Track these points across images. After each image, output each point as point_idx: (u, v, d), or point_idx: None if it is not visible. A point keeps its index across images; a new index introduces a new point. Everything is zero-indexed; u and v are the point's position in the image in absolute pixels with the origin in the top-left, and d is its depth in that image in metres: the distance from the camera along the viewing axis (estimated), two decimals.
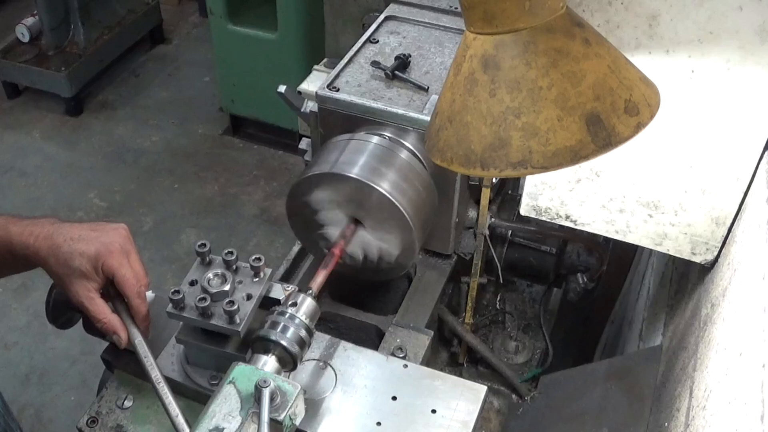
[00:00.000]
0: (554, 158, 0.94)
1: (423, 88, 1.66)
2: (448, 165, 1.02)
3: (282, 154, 4.35)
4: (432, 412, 1.34)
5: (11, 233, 1.35)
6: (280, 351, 1.26)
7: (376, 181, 1.50)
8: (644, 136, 0.99)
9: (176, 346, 1.43)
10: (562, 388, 1.75)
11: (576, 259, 1.95)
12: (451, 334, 1.92)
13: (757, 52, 1.17)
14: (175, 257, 3.74)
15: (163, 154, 4.37)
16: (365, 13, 2.81)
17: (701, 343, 1.26)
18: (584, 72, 0.94)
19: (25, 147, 4.42)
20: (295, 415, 1.18)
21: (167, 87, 4.89)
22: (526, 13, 0.93)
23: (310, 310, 1.32)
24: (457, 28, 1.83)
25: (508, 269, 1.93)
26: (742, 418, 0.94)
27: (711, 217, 1.38)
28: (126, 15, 4.87)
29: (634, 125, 0.96)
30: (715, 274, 1.38)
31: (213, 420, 1.15)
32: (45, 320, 1.46)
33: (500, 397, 1.88)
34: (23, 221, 1.38)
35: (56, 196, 4.09)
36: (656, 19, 1.20)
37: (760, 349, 0.96)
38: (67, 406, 3.14)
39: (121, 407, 1.43)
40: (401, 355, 1.53)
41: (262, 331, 1.28)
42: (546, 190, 1.49)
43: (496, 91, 0.96)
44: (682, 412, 1.23)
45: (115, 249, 1.34)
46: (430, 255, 1.83)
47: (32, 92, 4.72)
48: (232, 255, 1.36)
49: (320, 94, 1.66)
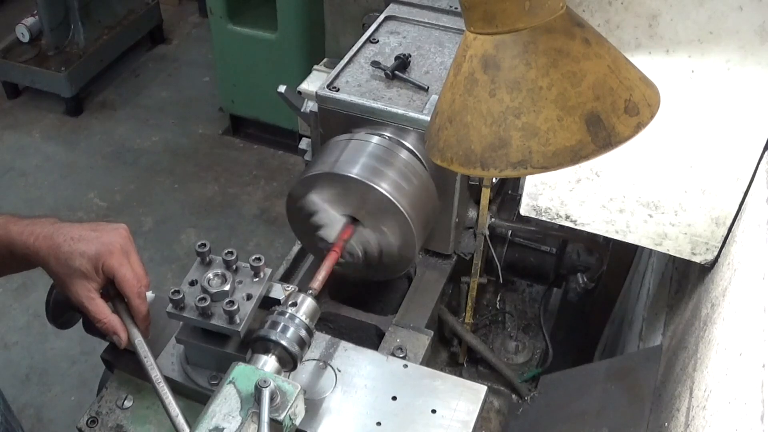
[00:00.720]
0: (554, 158, 0.94)
1: (423, 88, 1.66)
2: (448, 165, 1.02)
3: (282, 154, 4.35)
4: (432, 412, 1.34)
5: (11, 233, 1.35)
6: (280, 351, 1.26)
7: (376, 181, 1.50)
8: (644, 136, 0.99)
9: (176, 346, 1.43)
10: (562, 388, 1.75)
11: (576, 259, 1.95)
12: (451, 334, 1.92)
13: (757, 52, 1.17)
14: (175, 257, 3.74)
15: (163, 154, 4.37)
16: (365, 13, 2.81)
17: (701, 343, 1.26)
18: (584, 72, 0.94)
19: (25, 147, 4.42)
20: (295, 415, 1.18)
21: (167, 87, 4.89)
22: (526, 13, 0.93)
23: (310, 310, 1.32)
24: (457, 28, 1.83)
25: (508, 269, 1.93)
26: (742, 418, 0.94)
27: (711, 217, 1.38)
28: (126, 15, 4.87)
29: (634, 125, 0.96)
30: (715, 274, 1.38)
31: (213, 420, 1.15)
32: (45, 320, 1.46)
33: (500, 397, 1.88)
34: (23, 221, 1.38)
35: (56, 196, 4.08)
36: (656, 19, 1.20)
37: (760, 349, 0.96)
38: (67, 406, 3.14)
39: (121, 407, 1.43)
40: (401, 355, 1.53)
41: (262, 331, 1.28)
42: (546, 190, 1.49)
43: (496, 91, 0.95)
44: (682, 412, 1.23)
45: (116, 249, 1.34)
46: (430, 255, 1.83)
47: (32, 92, 4.71)
48: (232, 255, 1.36)
49: (320, 94, 1.66)
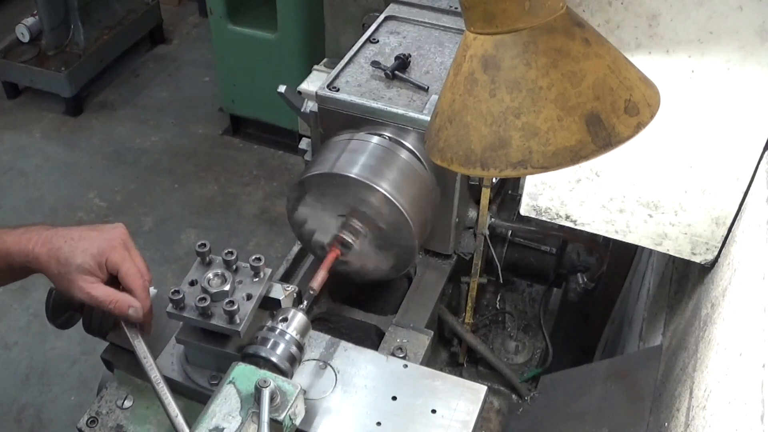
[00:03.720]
0: (554, 158, 0.94)
1: (423, 88, 1.66)
2: (448, 165, 1.02)
3: (282, 154, 4.35)
4: (432, 412, 1.34)
5: (7, 243, 1.34)
6: (271, 368, 1.26)
7: (376, 181, 1.50)
8: (644, 136, 0.99)
9: (176, 346, 1.43)
10: (562, 388, 1.75)
11: (576, 259, 1.95)
12: (451, 334, 1.92)
13: (757, 52, 1.17)
14: (175, 257, 3.74)
15: (163, 154, 4.37)
16: (365, 13, 2.80)
17: (701, 343, 1.26)
18: (584, 72, 0.94)
19: (25, 147, 4.42)
20: (295, 415, 1.18)
21: (167, 87, 4.89)
22: (526, 13, 0.93)
23: (301, 326, 1.33)
24: (457, 28, 1.83)
25: (508, 269, 1.93)
26: (742, 418, 0.94)
27: (711, 217, 1.38)
28: (126, 15, 4.87)
29: (634, 125, 0.96)
30: (715, 274, 1.38)
31: (213, 420, 1.15)
32: (45, 320, 1.46)
33: (500, 397, 1.88)
34: (17, 230, 1.37)
35: (56, 196, 4.08)
36: (656, 19, 1.20)
37: (760, 349, 0.96)
38: (67, 406, 3.14)
39: (121, 407, 1.43)
40: (401, 355, 1.53)
41: (252, 348, 1.28)
42: (546, 190, 1.49)
43: (496, 91, 0.95)
44: (682, 412, 1.23)
45: (118, 244, 1.35)
46: (430, 255, 1.83)
47: (32, 92, 4.71)
48: (232, 255, 1.36)
49: (320, 94, 1.66)
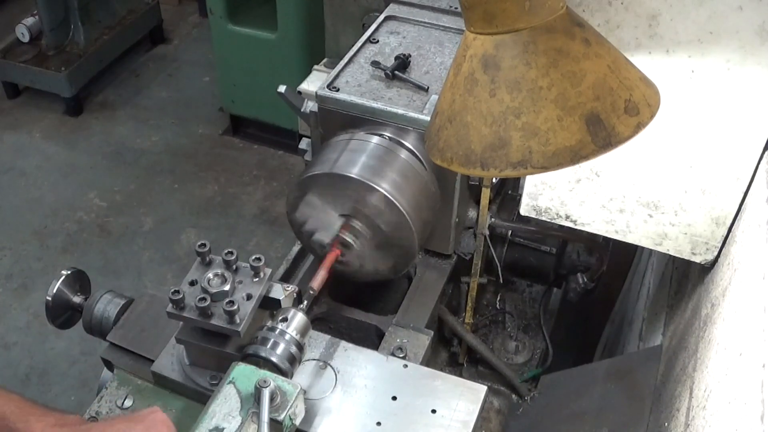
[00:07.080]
0: (554, 158, 0.94)
1: (423, 88, 1.66)
2: (448, 165, 1.02)
3: (282, 154, 4.35)
4: (432, 412, 1.34)
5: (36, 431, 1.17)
6: (271, 368, 1.26)
7: (376, 181, 1.50)
8: (644, 136, 0.99)
9: (176, 346, 1.43)
10: (562, 388, 1.75)
11: (576, 259, 1.95)
12: (451, 334, 1.92)
13: (757, 52, 1.17)
14: (175, 257, 3.73)
15: (163, 154, 4.37)
16: (365, 13, 2.80)
17: (701, 343, 1.26)
18: (584, 72, 0.94)
19: (25, 147, 4.42)
20: (295, 415, 1.18)
21: (167, 87, 4.89)
22: (526, 13, 0.93)
23: (301, 326, 1.33)
24: (457, 28, 1.83)
25: (508, 269, 1.93)
26: (742, 418, 0.94)
27: (711, 217, 1.38)
28: (126, 15, 4.87)
29: (634, 125, 0.96)
30: (715, 274, 1.38)
31: (213, 420, 1.15)
32: (45, 320, 1.46)
33: (500, 397, 1.88)
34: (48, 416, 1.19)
35: (56, 196, 4.08)
36: (656, 19, 1.20)
37: (760, 349, 0.96)
38: (67, 406, 3.13)
39: (121, 407, 1.43)
40: (401, 355, 1.53)
41: (252, 348, 1.28)
42: (546, 190, 1.49)
43: (496, 91, 0.95)
44: (682, 412, 1.23)
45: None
46: (430, 255, 1.83)
47: (32, 92, 4.71)
48: (232, 255, 1.36)
49: (320, 94, 1.65)
